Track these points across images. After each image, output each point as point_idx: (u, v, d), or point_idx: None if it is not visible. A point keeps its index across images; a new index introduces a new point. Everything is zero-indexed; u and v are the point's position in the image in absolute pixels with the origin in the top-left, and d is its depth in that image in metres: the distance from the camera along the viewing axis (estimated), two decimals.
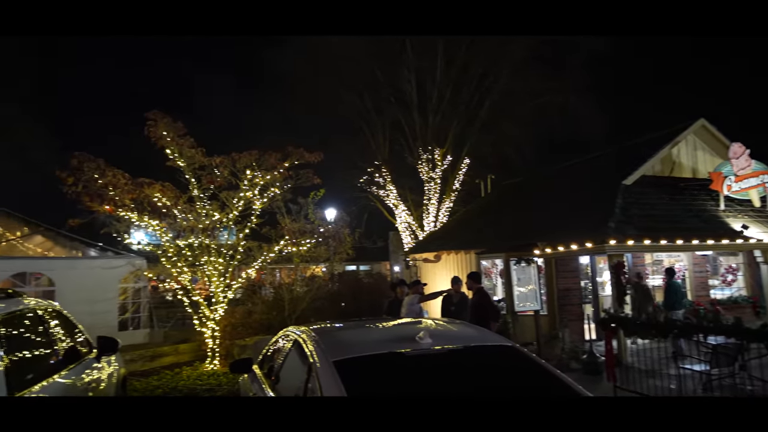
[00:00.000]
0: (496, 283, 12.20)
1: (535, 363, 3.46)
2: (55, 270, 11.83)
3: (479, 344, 3.63)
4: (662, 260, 12.08)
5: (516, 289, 9.39)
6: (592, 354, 8.27)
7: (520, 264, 9.40)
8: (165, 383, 8.03)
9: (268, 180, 9.38)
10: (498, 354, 3.58)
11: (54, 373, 3.63)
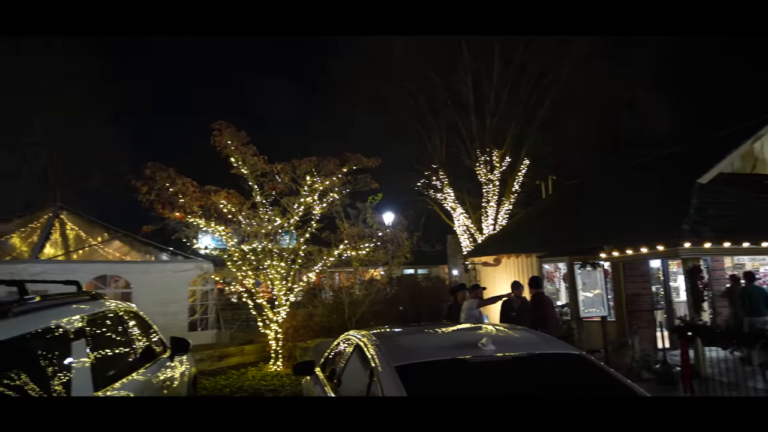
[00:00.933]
0: (559, 287, 11.79)
1: (604, 372, 3.30)
2: (131, 273, 12.63)
3: (544, 352, 3.51)
4: (744, 264, 11.23)
5: (581, 294, 9.03)
6: (665, 363, 7.80)
7: (585, 268, 9.03)
8: (232, 383, 8.35)
9: (327, 185, 9.57)
10: (564, 362, 3.45)
11: (133, 371, 3.85)
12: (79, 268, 11.95)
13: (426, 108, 20.88)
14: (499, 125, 20.15)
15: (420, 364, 3.27)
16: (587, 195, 14.70)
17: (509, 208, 19.94)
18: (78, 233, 15.92)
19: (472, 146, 20.36)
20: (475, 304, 7.77)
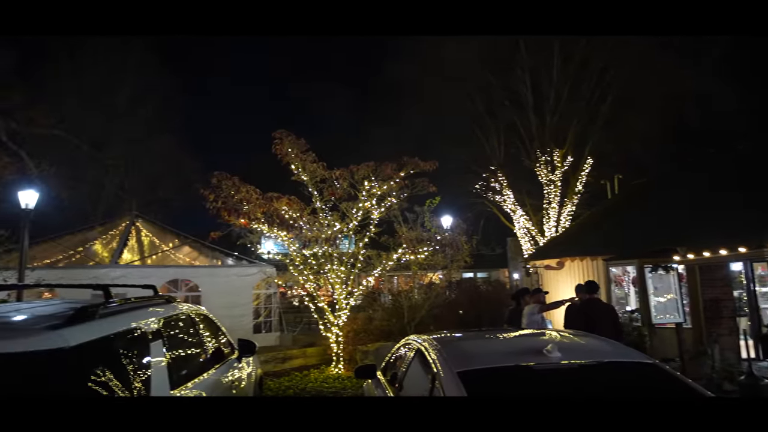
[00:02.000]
0: (628, 292, 11.24)
1: (681, 383, 3.12)
2: (199, 277, 13.24)
3: (615, 360, 3.36)
4: None
5: (652, 298, 8.56)
6: (751, 375, 7.23)
7: (656, 271, 8.56)
8: (295, 384, 8.56)
9: (385, 190, 9.64)
10: (637, 372, 3.28)
11: (204, 372, 4.04)
12: (153, 273, 12.68)
13: (483, 109, 20.59)
14: (559, 124, 19.53)
15: (482, 370, 3.22)
16: (656, 194, 13.93)
17: (572, 210, 19.25)
18: (152, 239, 16.91)
19: (532, 146, 19.85)
20: (536, 309, 7.55)
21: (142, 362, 3.08)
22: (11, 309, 3.14)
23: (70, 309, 2.91)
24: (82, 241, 15.70)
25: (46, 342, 2.39)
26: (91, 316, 2.78)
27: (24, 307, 3.21)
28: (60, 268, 13.37)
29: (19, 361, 2.35)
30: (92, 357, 2.60)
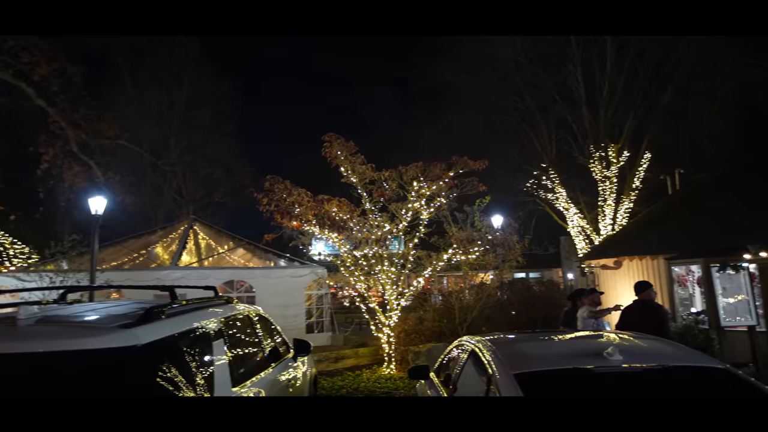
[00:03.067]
0: (693, 292, 10.67)
1: (758, 390, 2.93)
2: (254, 278, 13.64)
3: (682, 364, 3.20)
4: None
5: (721, 300, 8.08)
6: None
7: (724, 271, 8.08)
8: (348, 384, 8.67)
9: (434, 190, 9.61)
10: (706, 377, 3.11)
11: (262, 370, 4.16)
12: (211, 274, 13.18)
13: (533, 105, 20.13)
14: (614, 118, 18.79)
15: (540, 372, 3.15)
16: (723, 189, 13.14)
17: (629, 207, 18.47)
18: (208, 242, 17.60)
19: (585, 142, 19.20)
20: (586, 312, 7.26)
21: (206, 360, 3.21)
22: (87, 309, 3.35)
23: (140, 309, 3.08)
24: (144, 244, 16.54)
25: (120, 339, 2.54)
26: (159, 316, 2.92)
27: (98, 307, 3.42)
28: (125, 270, 14.13)
29: (96, 356, 2.51)
30: (161, 354, 2.73)
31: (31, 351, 2.48)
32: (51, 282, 11.42)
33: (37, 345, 2.51)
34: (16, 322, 2.63)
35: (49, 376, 2.47)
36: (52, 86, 12.62)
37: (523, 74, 19.84)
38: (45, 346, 2.51)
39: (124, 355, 2.52)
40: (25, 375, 2.46)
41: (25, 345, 2.51)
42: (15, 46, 11.89)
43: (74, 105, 13.29)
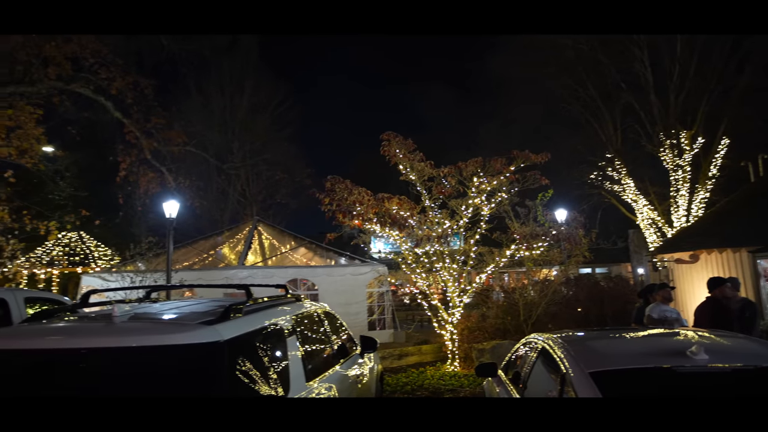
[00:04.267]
0: None
1: None
2: (317, 276, 13.96)
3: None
4: None
5: None
6: None
7: None
8: (412, 381, 8.71)
9: (495, 185, 9.45)
10: None
11: (332, 366, 4.27)
12: (275, 273, 13.62)
13: (595, 94, 19.33)
14: (686, 102, 17.71)
15: (618, 371, 3.04)
16: None
17: (705, 196, 17.35)
18: (272, 242, 18.20)
19: (654, 129, 18.22)
20: (656, 311, 6.85)
21: (281, 355, 3.34)
22: (171, 307, 3.57)
23: (219, 307, 3.25)
24: (212, 245, 17.34)
25: (204, 336, 2.69)
26: (237, 313, 3.07)
27: (180, 305, 3.63)
28: (196, 269, 14.85)
29: (183, 351, 2.67)
30: (241, 349, 2.87)
31: (126, 345, 2.68)
32: (131, 282, 12.21)
33: (131, 340, 2.71)
34: (113, 319, 2.85)
35: (143, 368, 2.66)
36: (126, 99, 13.46)
37: (584, 62, 19.10)
38: (138, 341, 2.71)
39: (208, 350, 2.67)
40: (122, 366, 2.67)
41: (122, 340, 2.71)
42: (94, 64, 12.78)
43: (147, 116, 14.11)
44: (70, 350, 2.69)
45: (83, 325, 3.05)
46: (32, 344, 2.76)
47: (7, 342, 2.83)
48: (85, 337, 2.78)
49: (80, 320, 3.18)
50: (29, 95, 11.90)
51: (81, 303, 3.64)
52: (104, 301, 3.74)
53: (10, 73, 11.46)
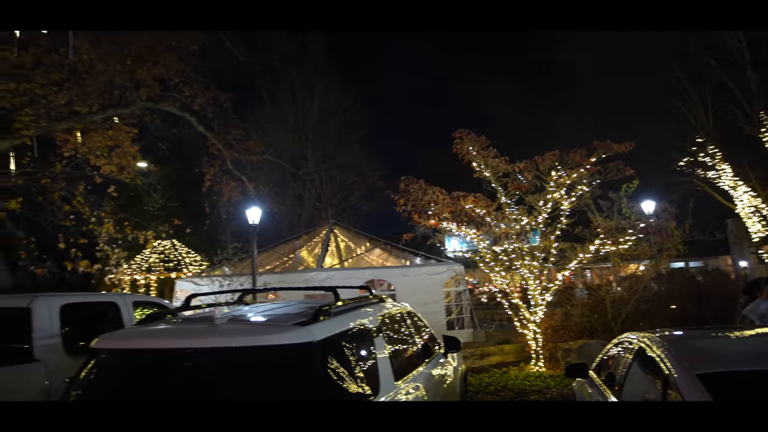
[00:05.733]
0: None
1: None
2: (393, 277, 14.09)
3: None
4: None
5: None
6: None
7: None
8: (495, 381, 8.56)
9: (575, 178, 9.09)
10: None
11: (418, 366, 4.29)
12: (352, 274, 13.91)
13: (681, 75, 18.00)
14: None
15: (729, 373, 2.82)
16: None
17: None
18: (347, 244, 18.61)
19: (752, 108, 16.67)
20: (763, 306, 6.24)
21: (369, 355, 3.40)
22: (264, 309, 3.76)
23: (309, 308, 3.37)
24: (291, 248, 18.01)
25: (299, 336, 2.81)
26: (326, 314, 3.17)
27: (272, 308, 3.81)
28: (277, 272, 15.48)
29: (279, 351, 2.80)
30: (332, 349, 2.96)
31: (228, 346, 2.86)
32: (220, 285, 12.96)
33: (232, 341, 2.88)
34: (214, 321, 3.04)
35: (242, 366, 2.83)
36: (208, 113, 14.28)
37: (667, 43, 17.85)
38: (238, 342, 2.88)
39: (302, 350, 2.78)
40: (224, 365, 2.84)
41: (224, 341, 2.89)
42: (179, 83, 13.69)
43: (227, 128, 14.91)
44: (180, 350, 2.91)
45: (190, 327, 3.29)
46: (148, 344, 3.02)
47: (127, 342, 3.12)
48: (192, 337, 3.00)
49: (186, 322, 3.42)
50: (125, 116, 12.95)
51: (183, 306, 3.92)
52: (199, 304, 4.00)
53: (110, 97, 12.54)
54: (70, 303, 5.27)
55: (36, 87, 11.27)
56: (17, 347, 4.72)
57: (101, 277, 15.99)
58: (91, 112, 11.81)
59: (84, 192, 12.18)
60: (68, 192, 11.72)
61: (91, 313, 5.71)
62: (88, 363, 2.99)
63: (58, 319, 4.98)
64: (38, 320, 4.84)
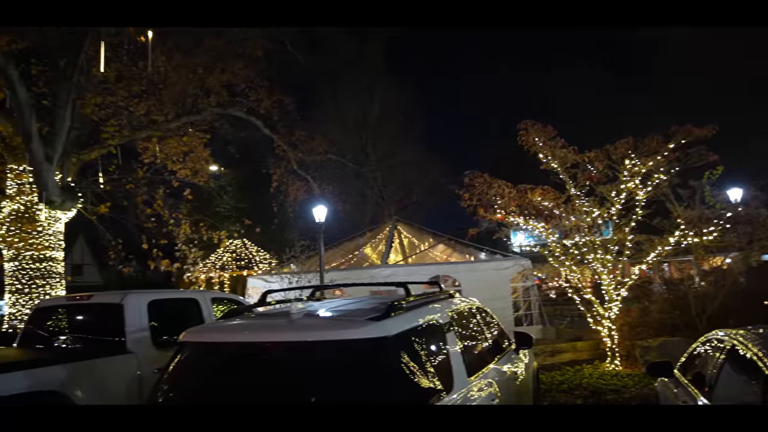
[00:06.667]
0: None
1: None
2: (458, 272, 13.93)
3: None
4: None
5: None
6: None
7: None
8: (568, 379, 8.27)
9: (650, 166, 8.59)
10: None
11: (490, 361, 4.22)
12: (417, 270, 13.89)
13: None
14: None
15: None
16: None
17: None
18: (411, 240, 18.61)
19: None
20: None
21: (442, 351, 3.39)
22: (336, 305, 3.84)
23: (381, 304, 3.40)
24: (355, 246, 18.24)
25: (374, 331, 2.85)
26: (399, 310, 3.19)
27: (344, 303, 3.89)
28: (342, 270, 15.74)
29: (352, 346, 2.85)
30: (406, 344, 2.98)
31: (305, 340, 2.95)
32: (289, 282, 13.38)
33: (310, 335, 2.98)
34: (291, 316, 3.15)
35: (318, 360, 2.90)
36: (273, 116, 14.75)
37: None
38: (316, 336, 2.96)
39: (377, 345, 2.82)
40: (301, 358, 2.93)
41: (302, 335, 2.99)
42: (245, 89, 14.25)
43: (291, 129, 15.35)
44: (260, 343, 3.04)
45: (269, 321, 3.43)
46: (231, 338, 3.18)
47: (212, 336, 3.30)
48: (271, 332, 3.13)
49: (265, 318, 3.57)
50: (197, 123, 13.64)
51: (260, 302, 4.08)
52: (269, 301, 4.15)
53: (183, 106, 13.27)
54: (156, 299, 5.64)
55: (119, 99, 12.15)
56: (113, 340, 5.11)
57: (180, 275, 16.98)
58: (167, 120, 12.56)
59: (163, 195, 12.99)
60: (150, 196, 12.53)
61: (174, 309, 6.08)
62: (177, 354, 3.18)
63: (146, 314, 5.34)
64: (130, 315, 5.21)
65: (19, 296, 10.17)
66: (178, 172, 13.34)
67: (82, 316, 5.87)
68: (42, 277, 10.38)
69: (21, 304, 10.10)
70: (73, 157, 11.20)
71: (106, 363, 4.85)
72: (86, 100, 11.21)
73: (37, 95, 10.70)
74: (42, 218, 10.40)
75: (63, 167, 10.53)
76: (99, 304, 5.67)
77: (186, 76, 12.65)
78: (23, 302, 10.11)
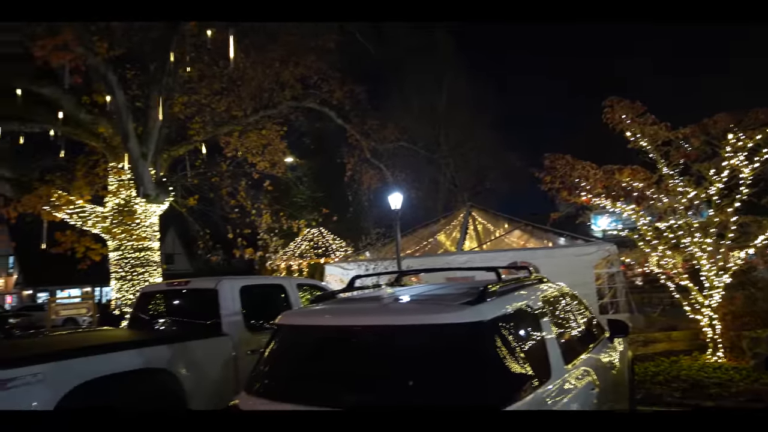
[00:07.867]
0: None
1: None
2: (537, 258, 13.46)
3: None
4: None
5: None
6: None
7: None
8: (663, 370, 7.77)
9: (758, 140, 7.79)
10: None
11: (585, 349, 4.02)
12: (493, 257, 13.60)
13: None
14: None
15: None
16: None
17: None
18: (485, 226, 18.25)
19: None
20: None
21: (537, 336, 3.27)
22: (425, 290, 3.82)
23: (471, 289, 3.33)
24: (429, 233, 18.18)
25: (469, 315, 2.79)
26: (492, 294, 3.11)
27: (432, 289, 3.86)
28: (417, 257, 15.75)
29: (447, 330, 2.81)
30: (501, 330, 2.89)
31: (399, 324, 2.95)
32: (366, 269, 13.58)
33: (404, 319, 2.98)
34: (382, 300, 3.16)
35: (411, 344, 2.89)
36: (345, 106, 14.95)
37: None
38: (408, 320, 2.96)
39: (472, 329, 2.76)
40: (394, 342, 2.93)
41: (396, 318, 3.00)
42: (318, 81, 14.53)
43: (363, 119, 15.48)
44: (353, 327, 3.08)
45: (361, 305, 3.46)
46: (325, 321, 3.25)
47: (306, 319, 3.39)
48: (364, 315, 3.16)
49: (356, 302, 3.61)
50: (274, 116, 14.11)
51: (348, 287, 4.14)
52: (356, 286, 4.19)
53: (260, 100, 13.77)
54: (246, 285, 5.91)
55: (202, 97, 12.82)
56: (210, 323, 5.42)
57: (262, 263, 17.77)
58: (245, 115, 13.10)
59: (245, 187, 13.60)
60: (233, 188, 13.17)
61: (263, 294, 6.35)
62: (274, 337, 3.30)
63: (239, 298, 5.61)
64: (224, 300, 5.50)
65: (123, 282, 11.10)
66: (257, 165, 13.90)
67: (180, 300, 6.28)
68: (141, 265, 11.25)
69: (125, 290, 11.02)
70: (164, 153, 12.01)
71: (205, 344, 5.15)
72: (174, 100, 11.94)
73: (131, 98, 11.54)
74: (139, 211, 11.26)
75: (156, 163, 11.31)
76: (196, 289, 6.03)
77: (262, 71, 13.10)
78: (126, 288, 11.04)
